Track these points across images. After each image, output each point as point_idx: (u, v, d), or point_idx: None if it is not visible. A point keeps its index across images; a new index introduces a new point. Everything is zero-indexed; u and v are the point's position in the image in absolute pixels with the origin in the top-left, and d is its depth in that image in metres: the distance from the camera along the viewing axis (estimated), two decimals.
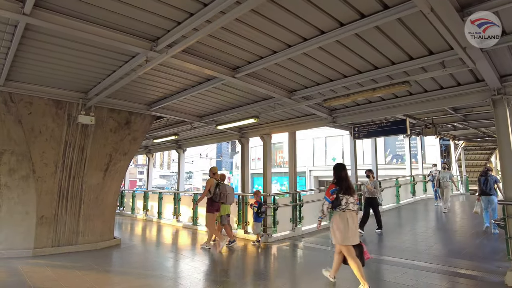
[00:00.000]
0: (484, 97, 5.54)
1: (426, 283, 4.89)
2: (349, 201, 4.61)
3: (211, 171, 7.72)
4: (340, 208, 4.59)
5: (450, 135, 17.08)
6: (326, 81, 5.98)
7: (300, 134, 26.97)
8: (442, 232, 8.75)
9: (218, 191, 7.29)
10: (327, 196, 4.67)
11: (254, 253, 7.29)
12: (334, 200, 4.62)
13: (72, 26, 3.93)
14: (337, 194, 4.62)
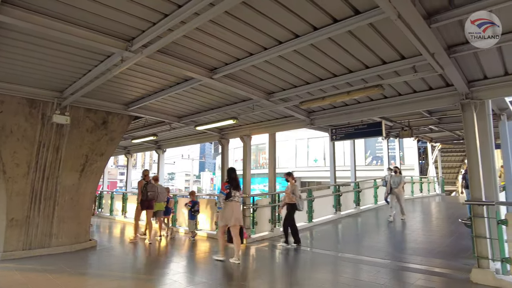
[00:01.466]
0: (454, 101, 5.74)
1: (398, 281, 5.04)
2: (236, 195, 6.34)
3: (143, 173, 8.78)
4: (229, 199, 6.24)
5: (427, 137, 17.57)
6: (303, 84, 6.07)
7: (283, 135, 27.41)
8: (417, 231, 8.98)
9: (145, 190, 8.38)
10: (223, 190, 6.34)
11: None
12: (227, 194, 6.22)
13: (46, 25, 3.87)
14: (230, 189, 6.27)
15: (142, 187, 8.48)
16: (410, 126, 10.77)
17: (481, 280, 4.79)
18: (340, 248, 7.53)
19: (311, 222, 9.91)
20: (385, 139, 14.21)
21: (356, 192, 12.08)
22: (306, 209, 9.87)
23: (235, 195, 6.33)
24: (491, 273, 4.77)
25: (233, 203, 6.28)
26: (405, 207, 10.57)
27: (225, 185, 6.38)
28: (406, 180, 15.94)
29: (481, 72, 5.22)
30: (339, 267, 6.16)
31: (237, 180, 6.44)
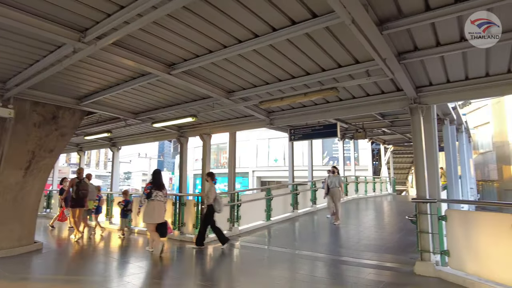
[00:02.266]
0: (404, 105, 6.10)
1: (351, 276, 5.28)
2: (158, 194, 6.79)
3: (77, 171, 8.92)
4: (151, 199, 6.72)
5: (381, 139, 18.54)
6: (263, 84, 6.14)
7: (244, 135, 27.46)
8: (369, 228, 9.43)
9: (77, 188, 8.33)
10: (145, 191, 6.86)
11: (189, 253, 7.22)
12: (148, 193, 6.74)
13: None
14: (151, 189, 6.75)
15: (74, 185, 8.37)
16: (364, 128, 11.29)
17: (423, 272, 5.14)
18: (297, 245, 7.71)
19: (269, 220, 10.05)
20: (341, 140, 14.76)
21: (313, 191, 12.43)
22: (265, 208, 10.00)
23: (158, 195, 6.78)
24: (432, 265, 5.14)
25: (155, 202, 6.75)
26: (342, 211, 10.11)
27: (148, 185, 6.93)
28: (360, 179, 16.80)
29: (427, 79, 5.60)
30: (296, 264, 6.30)
31: (160, 181, 7.02)
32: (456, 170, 10.73)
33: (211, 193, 7.26)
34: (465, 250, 4.79)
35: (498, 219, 4.38)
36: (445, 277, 4.92)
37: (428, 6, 3.58)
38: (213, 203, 7.23)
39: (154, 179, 6.99)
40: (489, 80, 5.35)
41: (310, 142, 12.98)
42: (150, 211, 6.73)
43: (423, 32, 4.13)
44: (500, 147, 18.63)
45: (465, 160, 14.32)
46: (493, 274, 4.30)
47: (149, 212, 6.74)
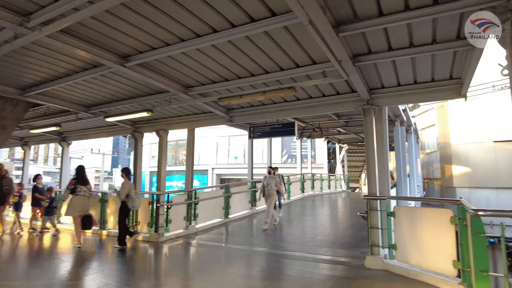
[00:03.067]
0: (357, 106, 6.34)
1: (306, 271, 5.38)
2: (82, 189, 7.13)
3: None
4: (75, 193, 7.05)
5: (336, 139, 19.22)
6: (222, 80, 6.08)
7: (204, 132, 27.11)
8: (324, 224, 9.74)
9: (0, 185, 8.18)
10: (69, 186, 7.19)
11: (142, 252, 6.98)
12: (72, 189, 7.04)
13: None
14: (75, 185, 7.07)
15: None
16: (321, 127, 11.62)
17: (372, 265, 5.39)
18: (255, 242, 7.75)
19: (227, 218, 10.01)
20: (299, 139, 15.09)
21: None
22: (223, 206, 9.95)
23: (81, 190, 7.14)
24: (381, 258, 5.41)
25: (79, 196, 7.10)
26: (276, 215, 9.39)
27: (72, 181, 7.22)
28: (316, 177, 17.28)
29: (379, 81, 5.87)
30: (253, 261, 6.34)
31: (84, 176, 7.37)
32: (405, 169, 11.42)
33: (123, 190, 7.08)
34: (410, 244, 5.08)
35: (438, 214, 4.70)
36: (392, 269, 5.19)
37: (381, 11, 3.74)
38: (126, 199, 7.06)
39: (78, 175, 7.34)
40: (434, 85, 5.73)
41: (269, 140, 13.11)
42: (74, 205, 7.08)
43: (376, 36, 4.31)
44: (443, 147, 20.12)
45: (413, 159, 15.32)
46: (434, 265, 4.61)
47: (73, 206, 7.08)
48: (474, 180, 17.60)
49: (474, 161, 17.71)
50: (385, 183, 6.12)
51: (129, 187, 7.13)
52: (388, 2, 3.57)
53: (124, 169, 7.50)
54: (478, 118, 17.28)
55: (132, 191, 7.14)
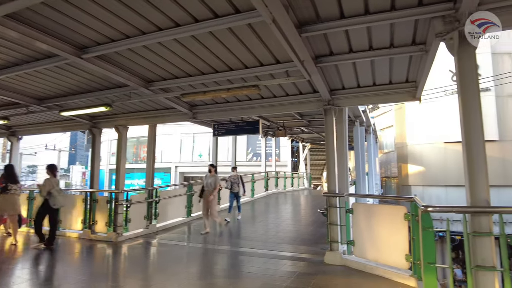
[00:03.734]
0: (319, 106, 6.48)
1: (267, 268, 5.44)
2: (13, 188, 7.04)
3: None
4: (5, 192, 6.94)
5: (300, 137, 19.58)
6: (185, 76, 5.96)
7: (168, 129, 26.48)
8: (286, 221, 9.88)
9: None
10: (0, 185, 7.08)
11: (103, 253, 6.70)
12: (2, 187, 6.96)
13: None
14: (6, 183, 6.98)
15: None
16: (285, 126, 11.78)
17: (331, 261, 5.54)
18: (218, 241, 7.71)
19: (190, 216, 9.86)
20: (263, 137, 15.20)
21: None
22: (185, 204, 9.79)
23: (12, 188, 7.02)
24: (340, 254, 5.58)
25: (9, 195, 6.98)
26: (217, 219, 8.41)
27: (2, 180, 7.12)
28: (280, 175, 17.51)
29: (340, 82, 6.04)
30: (216, 259, 6.29)
31: (14, 175, 7.31)
32: (364, 167, 11.89)
33: (44, 186, 6.76)
34: (367, 239, 5.29)
35: (393, 210, 4.90)
36: (350, 264, 5.37)
37: (343, 14, 3.84)
38: (48, 197, 6.72)
39: (8, 173, 7.26)
40: (392, 87, 6.00)
41: (234, 138, 13.09)
42: (10, 203, 7.00)
43: (338, 38, 4.43)
44: (400, 147, 21.19)
45: (372, 158, 15.97)
46: (388, 259, 4.82)
47: (9, 204, 7.00)
48: (427, 179, 18.71)
49: (427, 160, 18.82)
50: (344, 181, 6.32)
51: (51, 184, 6.74)
52: (349, 5, 3.68)
53: (49, 165, 7.19)
54: (431, 120, 18.38)
55: (55, 188, 6.75)
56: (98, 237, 7.72)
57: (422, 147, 19.19)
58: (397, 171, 21.79)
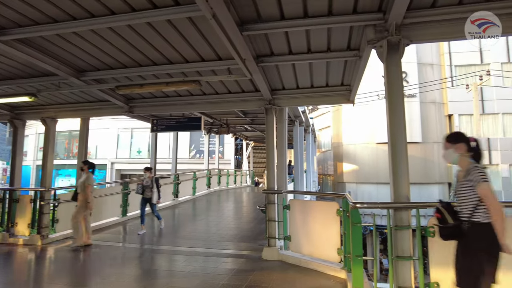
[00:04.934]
0: (260, 105, 6.57)
1: (206, 266, 5.39)
2: None
3: None
4: None
5: (243, 135, 19.73)
6: (121, 67, 5.61)
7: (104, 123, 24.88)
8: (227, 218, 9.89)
9: None
10: None
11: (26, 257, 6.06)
12: None
13: None
14: None
15: None
16: (228, 124, 11.75)
17: (269, 257, 5.66)
18: (156, 240, 7.45)
19: (125, 216, 9.38)
20: (207, 134, 15.02)
21: (175, 184, 12.23)
22: (121, 203, 9.29)
23: None
24: (277, 250, 5.72)
25: None
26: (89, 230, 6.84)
27: None
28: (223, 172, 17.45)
29: (281, 83, 6.18)
30: (154, 260, 6.08)
31: None
32: (302, 165, 12.34)
33: None
34: (302, 235, 5.49)
35: (327, 207, 5.16)
36: (286, 259, 5.54)
37: (283, 15, 3.92)
38: None
39: None
40: (328, 90, 6.30)
41: (176, 134, 12.72)
42: None
43: (278, 39, 4.51)
44: (336, 147, 22.45)
45: (310, 157, 16.66)
46: (322, 253, 5.06)
47: None
48: (360, 176, 20.10)
49: (360, 159, 20.20)
50: (283, 178, 6.50)
51: None
52: (289, 7, 3.76)
53: None
54: (365, 122, 19.77)
55: None
56: (18, 240, 6.99)
57: (356, 147, 20.55)
58: (333, 169, 23.06)
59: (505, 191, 19.30)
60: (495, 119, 20.48)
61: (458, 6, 3.65)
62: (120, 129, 27.27)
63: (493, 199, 2.49)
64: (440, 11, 3.68)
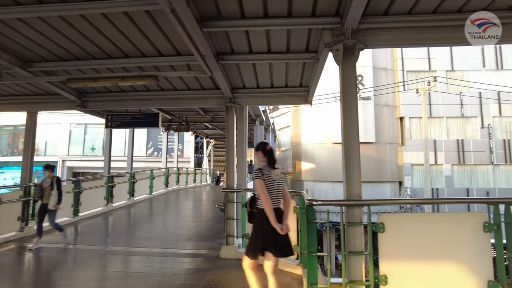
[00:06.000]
0: (221, 103, 6.54)
1: (163, 267, 5.25)
2: None
3: None
4: None
5: (204, 133, 19.50)
6: (73, 59, 5.29)
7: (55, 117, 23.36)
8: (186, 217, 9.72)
9: None
10: None
11: None
12: None
13: None
14: None
15: None
16: (188, 121, 11.55)
17: (227, 255, 5.65)
18: (111, 241, 7.16)
19: (77, 216, 8.88)
20: (165, 131, 14.64)
21: (131, 183, 11.80)
22: (72, 203, 8.79)
23: None
24: (235, 248, 5.73)
25: None
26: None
27: None
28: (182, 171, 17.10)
29: (241, 82, 6.19)
30: (108, 261, 5.83)
31: None
32: None
33: None
34: None
35: None
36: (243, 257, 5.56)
37: (243, 14, 3.92)
38: None
39: None
40: (287, 90, 6.43)
41: (132, 131, 12.26)
42: None
43: (239, 37, 4.50)
44: (295, 146, 22.94)
45: None
46: None
47: None
48: (318, 175, 20.71)
49: (318, 158, 20.82)
50: (243, 176, 6.51)
51: None
52: (250, 6, 3.76)
53: None
54: (322, 122, 20.41)
55: None
56: None
57: (314, 146, 21.14)
58: (292, 167, 23.55)
59: (447, 188, 20.89)
60: (440, 122, 22.06)
61: (408, 16, 3.88)
62: (73, 124, 25.89)
63: (261, 192, 3.25)
64: (392, 18, 3.88)
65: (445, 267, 3.49)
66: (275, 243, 3.27)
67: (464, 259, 3.48)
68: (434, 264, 3.50)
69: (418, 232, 3.60)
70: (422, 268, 3.49)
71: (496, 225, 3.44)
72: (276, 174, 3.41)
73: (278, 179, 3.41)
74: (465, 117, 22.00)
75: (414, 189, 20.54)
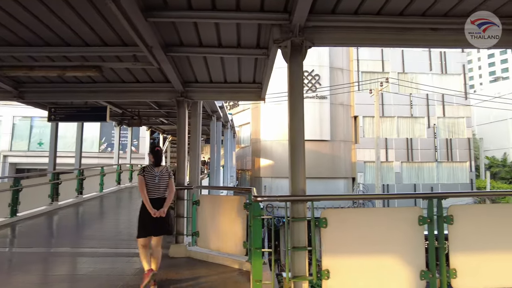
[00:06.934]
0: (171, 97, 6.34)
1: (102, 268, 4.99)
2: None
3: None
4: None
5: (160, 129, 18.93)
6: (4, 44, 4.82)
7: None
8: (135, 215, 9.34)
9: None
10: None
11: None
12: None
13: None
14: None
15: None
16: (140, 115, 11.11)
17: (176, 254, 5.52)
18: (54, 242, 6.72)
19: (14, 216, 8.20)
20: (117, 126, 13.99)
21: (79, 180, 11.14)
22: (9, 202, 8.11)
23: None
24: (185, 246, 5.61)
25: None
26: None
27: None
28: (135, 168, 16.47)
29: (193, 75, 6.03)
30: (51, 264, 5.41)
31: None
32: (219, 161, 12.35)
33: None
34: (211, 230, 5.46)
35: (235, 201, 5.19)
36: (194, 255, 5.47)
37: (191, 5, 3.79)
38: None
39: None
40: (241, 86, 6.38)
41: (80, 125, 11.56)
42: None
43: (187, 29, 4.36)
44: (255, 143, 23.05)
45: (228, 152, 16.78)
46: (229, 248, 5.07)
47: None
48: (275, 171, 20.98)
49: (276, 155, 21.09)
50: (196, 173, 6.38)
51: None
52: None
53: None
54: (279, 119, 20.68)
55: None
56: None
57: (272, 143, 21.39)
58: (251, 164, 23.65)
59: (397, 184, 22.13)
60: (391, 121, 23.28)
61: (354, 16, 3.98)
62: (17, 117, 23.97)
63: (139, 186, 4.11)
64: (339, 17, 3.96)
65: (383, 259, 3.65)
66: (154, 225, 4.05)
67: (401, 251, 3.67)
68: (374, 258, 3.66)
69: (359, 227, 3.73)
70: (363, 262, 3.63)
71: (429, 218, 3.66)
72: (160, 170, 4.18)
73: (161, 174, 4.16)
74: (414, 117, 23.42)
75: (366, 185, 21.52)
